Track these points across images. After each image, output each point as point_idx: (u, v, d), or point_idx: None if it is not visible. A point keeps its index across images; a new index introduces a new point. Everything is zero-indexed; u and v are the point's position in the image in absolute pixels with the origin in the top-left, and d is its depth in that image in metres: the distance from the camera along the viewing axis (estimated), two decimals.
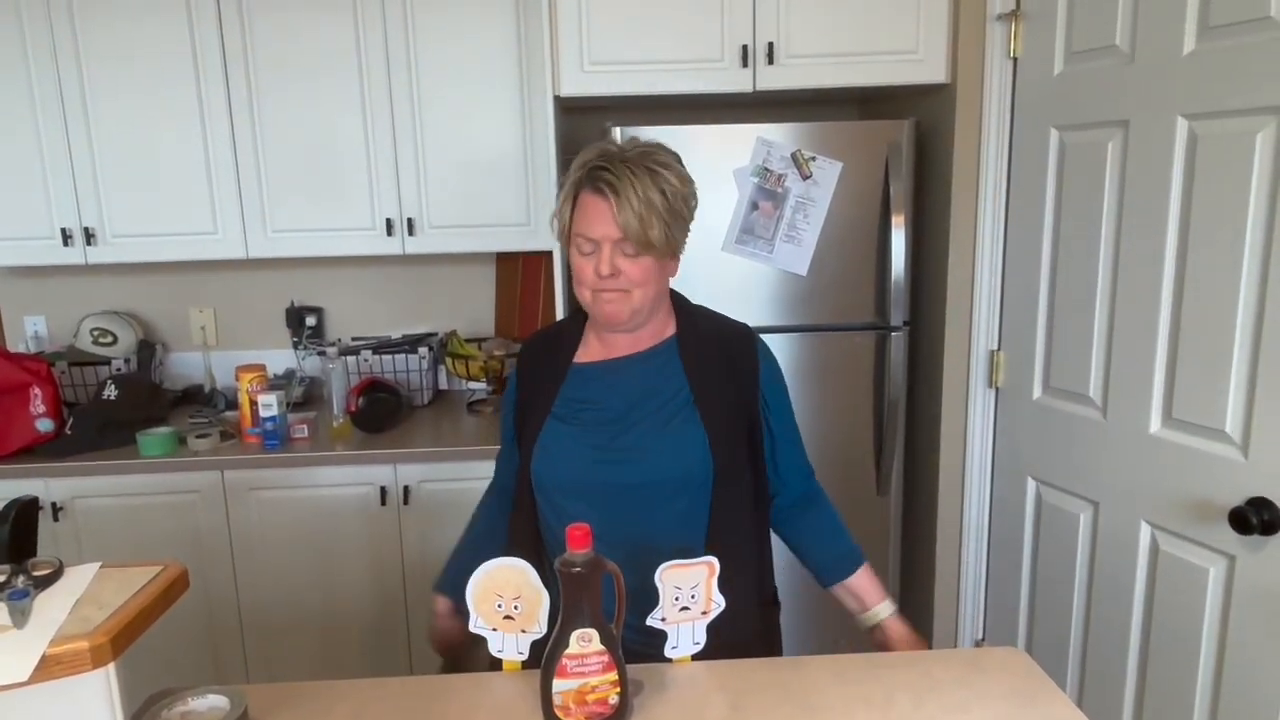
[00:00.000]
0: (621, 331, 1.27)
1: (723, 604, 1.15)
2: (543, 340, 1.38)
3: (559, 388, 1.29)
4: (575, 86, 2.22)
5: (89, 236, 2.42)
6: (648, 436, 1.24)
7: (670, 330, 1.30)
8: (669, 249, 1.20)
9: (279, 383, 2.61)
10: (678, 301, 1.32)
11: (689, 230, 1.24)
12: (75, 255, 2.44)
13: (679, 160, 1.23)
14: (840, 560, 1.34)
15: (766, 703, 1.09)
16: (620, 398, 1.27)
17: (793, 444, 1.35)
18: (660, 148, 1.22)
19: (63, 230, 2.42)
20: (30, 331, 2.81)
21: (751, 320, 1.39)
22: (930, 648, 1.13)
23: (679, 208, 1.19)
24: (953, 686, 1.13)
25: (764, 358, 1.32)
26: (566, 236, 1.22)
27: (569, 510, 1.25)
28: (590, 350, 1.31)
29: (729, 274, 2.23)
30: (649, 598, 1.12)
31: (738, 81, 2.22)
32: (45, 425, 2.28)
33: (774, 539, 1.38)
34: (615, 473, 1.23)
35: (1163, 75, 1.64)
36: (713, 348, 1.29)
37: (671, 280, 1.29)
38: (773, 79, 2.22)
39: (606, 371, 1.29)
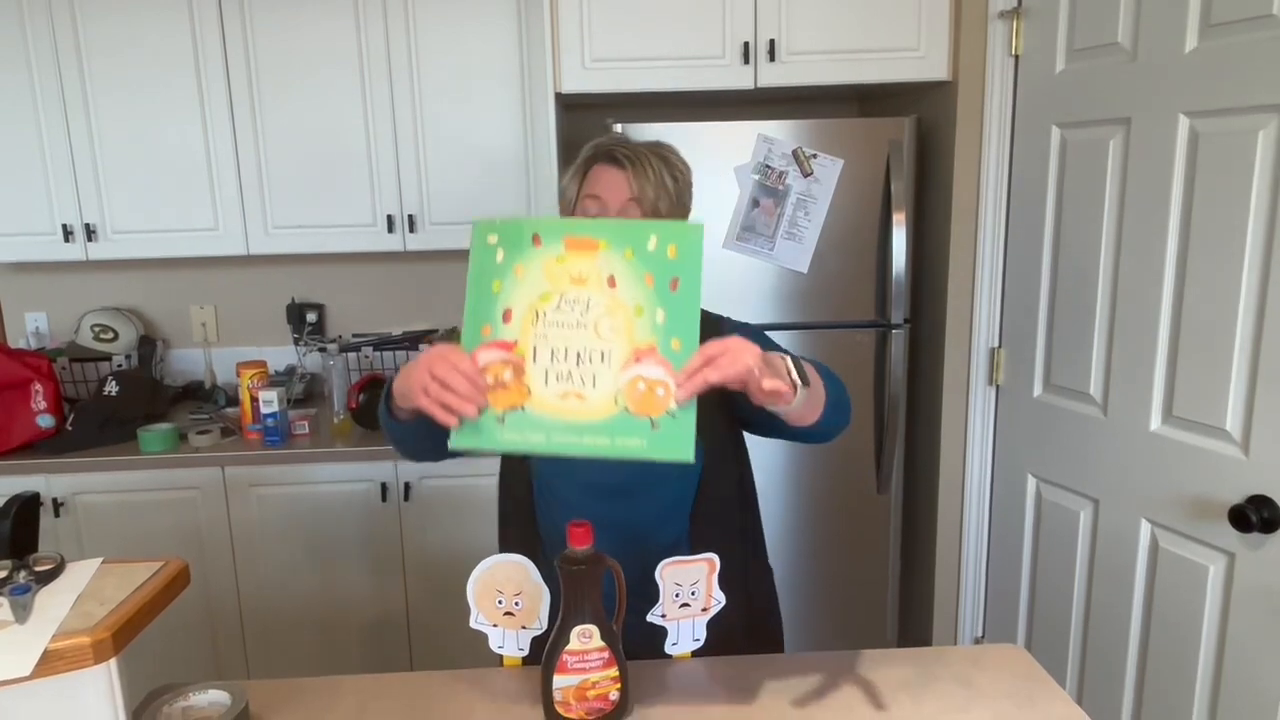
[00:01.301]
0: None
1: (723, 601, 1.15)
2: None
3: None
4: (577, 83, 2.22)
5: (90, 233, 2.42)
6: None
7: None
8: None
9: (280, 379, 2.60)
10: None
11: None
12: (76, 251, 2.44)
13: (679, 155, 1.28)
14: None
15: (766, 699, 1.10)
16: None
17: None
18: (661, 143, 1.26)
19: (64, 226, 2.42)
20: (31, 328, 2.81)
21: (752, 317, 1.40)
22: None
23: (684, 196, 1.25)
24: (953, 684, 1.13)
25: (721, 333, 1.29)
26: (571, 207, 1.26)
27: (563, 495, 1.27)
28: None
29: (730, 271, 2.23)
30: (645, 588, 1.13)
31: (739, 78, 2.22)
32: (46, 421, 2.28)
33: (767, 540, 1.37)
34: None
35: (1164, 73, 1.64)
36: None
37: None
38: (774, 76, 2.21)
39: None
